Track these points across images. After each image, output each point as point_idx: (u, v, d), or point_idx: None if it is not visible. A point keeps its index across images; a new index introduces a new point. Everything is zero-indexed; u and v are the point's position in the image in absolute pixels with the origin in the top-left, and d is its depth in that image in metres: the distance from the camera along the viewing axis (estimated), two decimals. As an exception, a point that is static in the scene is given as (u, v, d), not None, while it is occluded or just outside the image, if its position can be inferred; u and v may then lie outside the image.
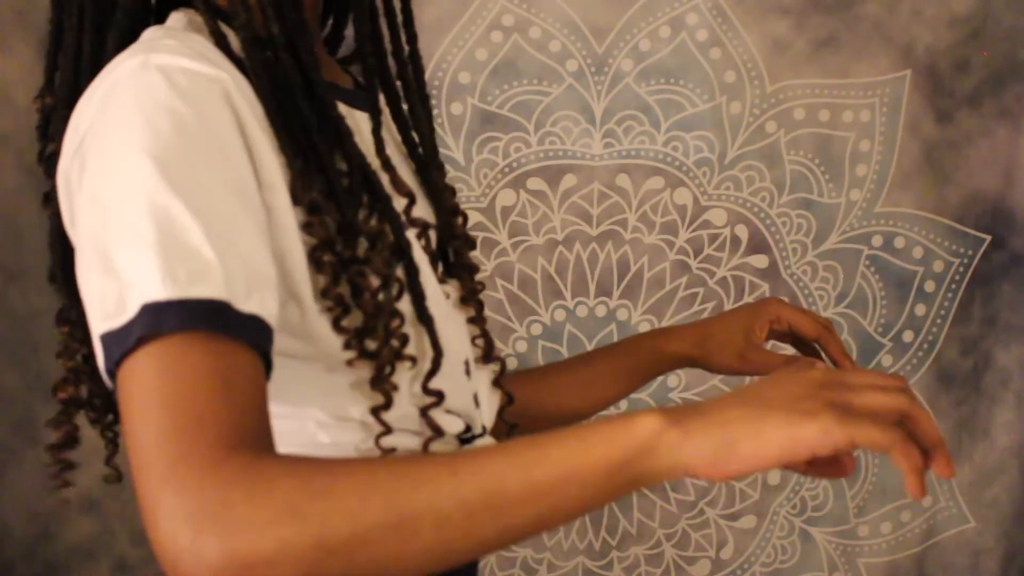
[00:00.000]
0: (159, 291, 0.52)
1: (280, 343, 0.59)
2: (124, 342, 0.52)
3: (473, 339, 0.80)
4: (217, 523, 0.47)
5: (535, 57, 1.35)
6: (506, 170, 1.37)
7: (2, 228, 1.26)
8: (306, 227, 0.61)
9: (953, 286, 1.45)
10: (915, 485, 0.51)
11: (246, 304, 0.54)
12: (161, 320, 0.52)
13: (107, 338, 0.53)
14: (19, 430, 1.28)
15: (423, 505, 0.49)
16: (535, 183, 1.38)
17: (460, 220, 0.82)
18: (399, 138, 0.80)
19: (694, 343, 0.94)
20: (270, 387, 0.56)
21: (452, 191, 0.83)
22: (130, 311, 0.52)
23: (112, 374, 0.54)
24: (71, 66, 0.66)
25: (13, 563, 1.29)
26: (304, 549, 0.48)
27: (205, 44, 0.62)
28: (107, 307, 0.53)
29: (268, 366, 0.56)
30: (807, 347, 0.91)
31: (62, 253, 0.70)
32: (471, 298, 0.81)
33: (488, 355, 0.81)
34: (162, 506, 0.48)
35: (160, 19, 0.68)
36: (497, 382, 0.83)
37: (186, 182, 0.54)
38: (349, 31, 0.77)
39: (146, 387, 0.51)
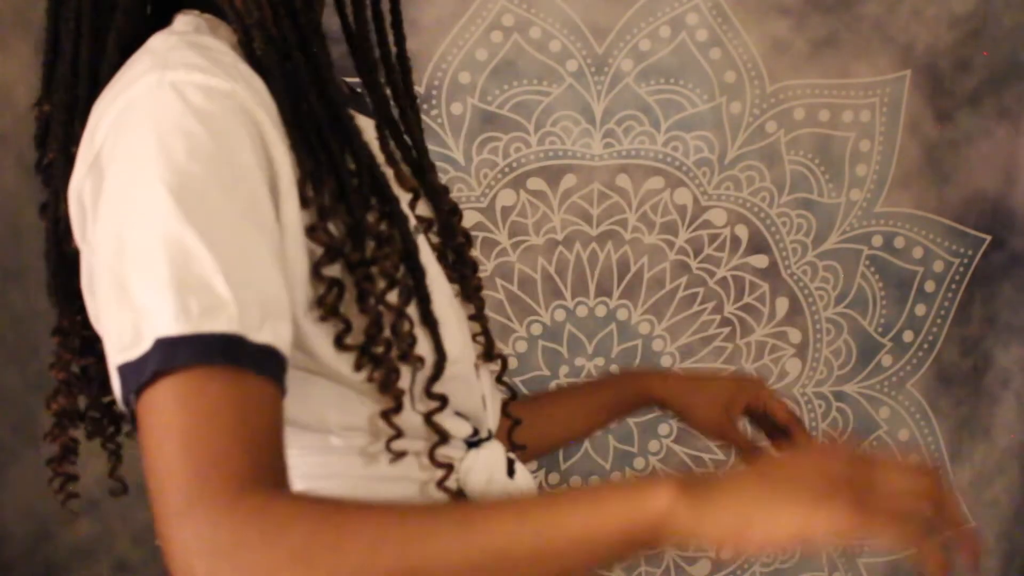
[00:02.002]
0: (172, 326, 0.52)
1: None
2: (140, 375, 0.52)
3: (474, 336, 0.80)
4: (230, 563, 0.48)
5: (535, 57, 1.35)
6: (506, 170, 1.37)
7: (2, 228, 1.26)
8: (311, 231, 0.61)
9: (953, 286, 1.45)
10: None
11: (259, 335, 0.54)
12: (175, 355, 0.52)
13: (124, 369, 0.54)
14: (19, 430, 1.28)
15: (432, 563, 0.50)
16: (535, 183, 1.38)
17: (458, 218, 0.82)
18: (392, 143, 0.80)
19: (679, 395, 0.99)
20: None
21: (446, 190, 0.83)
22: (144, 344, 0.52)
23: (127, 403, 0.54)
24: (68, 72, 0.66)
25: (13, 563, 1.29)
26: None
27: (219, 48, 0.62)
28: (124, 339, 0.54)
29: (283, 393, 0.56)
30: (774, 430, 0.98)
31: (57, 264, 0.69)
32: (473, 295, 0.81)
33: (489, 353, 0.82)
34: (178, 540, 0.49)
35: (159, 20, 0.67)
36: (500, 379, 0.83)
37: (200, 211, 0.54)
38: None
39: (164, 420, 0.52)
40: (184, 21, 0.65)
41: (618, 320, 1.42)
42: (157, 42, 0.63)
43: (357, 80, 0.75)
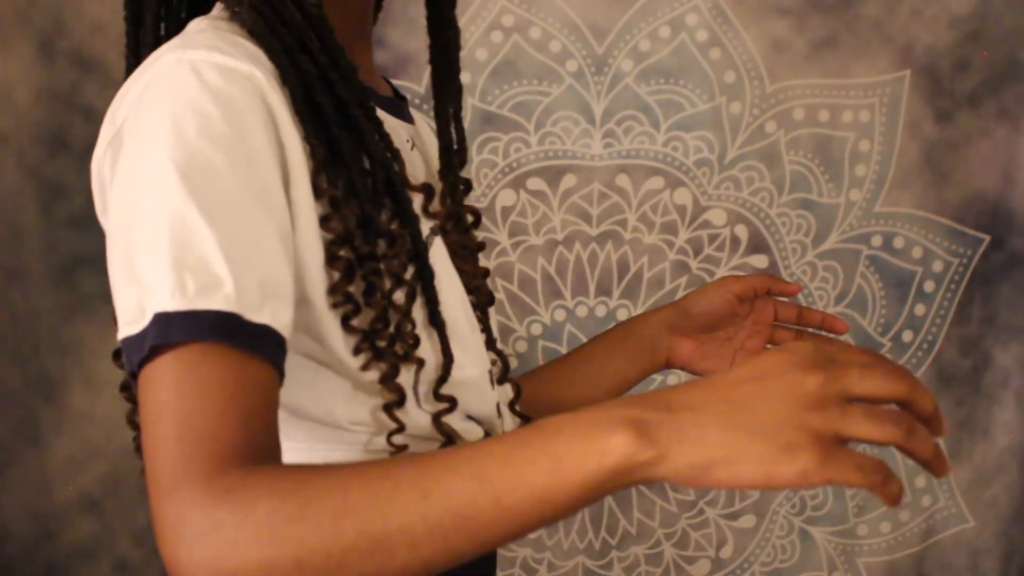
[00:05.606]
0: (168, 302, 0.53)
1: (298, 343, 0.60)
2: (140, 350, 0.53)
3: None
4: (206, 543, 0.49)
5: (535, 57, 1.35)
6: (506, 170, 1.37)
7: (2, 228, 1.26)
8: (324, 221, 0.62)
9: (953, 286, 1.45)
10: (889, 504, 0.49)
11: (257, 315, 0.54)
12: (170, 331, 0.52)
13: (126, 343, 0.54)
14: (19, 430, 1.28)
15: (395, 529, 0.49)
16: (535, 183, 1.38)
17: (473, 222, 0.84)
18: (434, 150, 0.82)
19: (674, 304, 0.94)
20: (290, 388, 0.56)
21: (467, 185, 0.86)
22: (145, 319, 0.53)
23: (133, 378, 0.55)
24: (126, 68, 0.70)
25: (13, 563, 1.29)
26: (285, 570, 0.49)
27: (244, 34, 0.63)
28: (127, 313, 0.55)
29: (281, 374, 0.56)
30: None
31: None
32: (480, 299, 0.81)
33: (503, 376, 0.82)
34: (163, 520, 0.50)
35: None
36: (512, 406, 0.82)
37: (205, 190, 0.55)
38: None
39: (157, 397, 0.52)
40: (220, 7, 0.67)
41: (618, 320, 1.42)
42: (191, 26, 0.65)
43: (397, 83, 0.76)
